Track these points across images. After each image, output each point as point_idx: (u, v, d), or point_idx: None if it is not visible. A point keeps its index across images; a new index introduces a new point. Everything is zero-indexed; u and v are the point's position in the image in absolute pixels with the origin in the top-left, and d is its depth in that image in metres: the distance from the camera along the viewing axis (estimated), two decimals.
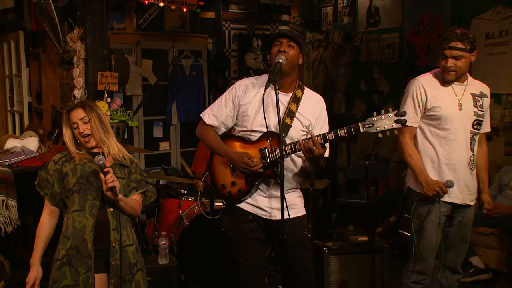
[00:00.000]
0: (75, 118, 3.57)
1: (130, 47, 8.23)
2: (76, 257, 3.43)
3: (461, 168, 4.09)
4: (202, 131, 3.93)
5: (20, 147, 5.70)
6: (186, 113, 8.65)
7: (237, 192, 3.79)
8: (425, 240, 4.19)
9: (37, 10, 6.14)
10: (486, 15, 6.65)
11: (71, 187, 3.53)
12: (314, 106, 3.85)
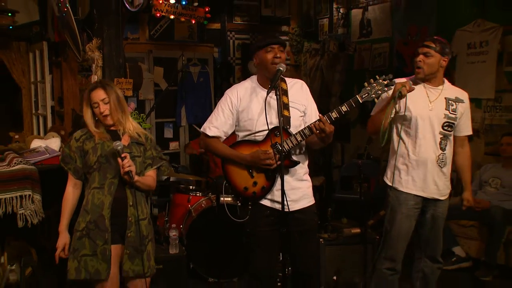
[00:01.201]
0: (96, 99, 3.55)
1: (143, 55, 8.26)
2: (95, 231, 3.48)
3: (430, 165, 4.07)
4: (208, 144, 3.84)
5: (44, 147, 5.73)
6: (194, 116, 8.66)
7: (261, 190, 3.71)
8: (395, 230, 4.17)
9: (60, 22, 6.17)
10: (468, 27, 6.67)
11: (92, 165, 3.55)
12: (300, 91, 3.81)
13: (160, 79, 8.42)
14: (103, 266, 3.49)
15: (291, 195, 3.65)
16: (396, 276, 4.26)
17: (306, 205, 3.76)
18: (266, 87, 3.63)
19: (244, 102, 3.70)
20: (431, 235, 4.26)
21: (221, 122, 3.75)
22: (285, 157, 3.58)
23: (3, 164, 5.17)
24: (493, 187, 5.86)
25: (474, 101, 6.63)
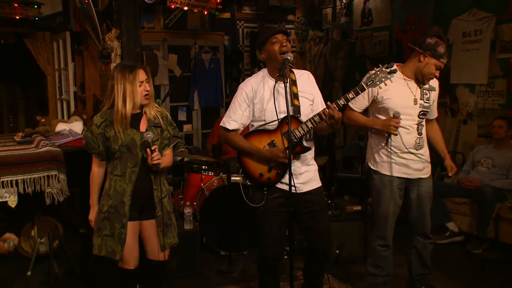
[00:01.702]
0: (143, 78, 3.49)
1: (158, 43, 8.25)
2: (114, 215, 3.51)
3: (410, 149, 4.08)
4: (229, 138, 3.80)
5: (68, 130, 5.78)
6: (206, 100, 8.69)
7: (276, 175, 3.70)
8: (382, 211, 4.20)
9: (81, 13, 6.20)
10: (463, 16, 6.67)
11: (114, 153, 3.52)
12: (308, 80, 3.80)
13: (174, 66, 8.44)
14: (118, 248, 3.53)
15: (300, 178, 3.69)
16: (389, 251, 4.29)
17: (315, 186, 3.79)
18: (275, 77, 3.63)
19: (258, 94, 3.70)
20: (418, 213, 4.27)
21: (239, 115, 3.74)
22: (297, 144, 3.63)
23: (32, 146, 5.25)
24: (485, 167, 5.89)
25: (468, 86, 6.69)
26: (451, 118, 6.88)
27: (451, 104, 6.88)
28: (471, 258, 5.47)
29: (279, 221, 3.74)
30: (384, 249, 4.27)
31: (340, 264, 5.13)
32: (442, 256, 5.43)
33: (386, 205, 4.19)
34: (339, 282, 4.71)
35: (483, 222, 5.59)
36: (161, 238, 3.62)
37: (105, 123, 3.54)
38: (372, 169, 4.26)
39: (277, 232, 3.78)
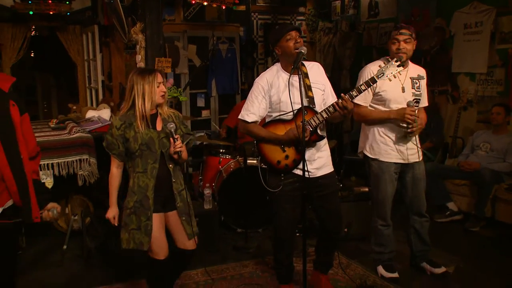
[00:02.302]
0: (160, 79, 3.51)
1: (179, 35, 8.23)
2: (140, 209, 3.50)
3: (404, 136, 4.11)
4: (248, 129, 3.83)
5: (97, 116, 5.84)
6: (223, 87, 8.68)
7: (293, 162, 3.73)
8: (380, 194, 4.25)
9: (108, 8, 6.24)
10: (465, 9, 6.62)
11: (134, 152, 3.49)
12: (318, 71, 3.81)
13: (193, 55, 8.44)
14: (145, 239, 3.53)
15: (314, 164, 3.73)
16: (389, 229, 4.36)
17: (328, 171, 3.83)
18: (288, 71, 3.66)
19: (273, 87, 3.72)
20: (414, 194, 4.31)
21: (256, 108, 3.77)
22: (313, 132, 3.66)
23: (65, 132, 5.34)
24: (484, 151, 5.90)
25: (468, 75, 6.67)
26: (452, 105, 6.88)
27: (452, 91, 6.87)
28: (469, 235, 5.49)
29: (293, 203, 3.78)
30: (385, 228, 4.35)
31: (348, 241, 5.18)
32: (443, 233, 5.48)
33: (384, 188, 4.24)
34: (347, 258, 4.76)
35: (481, 202, 5.60)
36: (186, 227, 3.65)
37: (124, 125, 3.51)
38: (369, 157, 4.29)
39: (291, 214, 3.83)
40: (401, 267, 4.49)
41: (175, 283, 4.04)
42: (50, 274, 4.66)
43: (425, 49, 7.18)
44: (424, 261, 4.49)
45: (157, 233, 3.55)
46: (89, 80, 7.66)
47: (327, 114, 3.61)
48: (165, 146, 3.55)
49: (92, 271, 4.71)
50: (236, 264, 4.77)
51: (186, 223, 3.64)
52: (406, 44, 4.01)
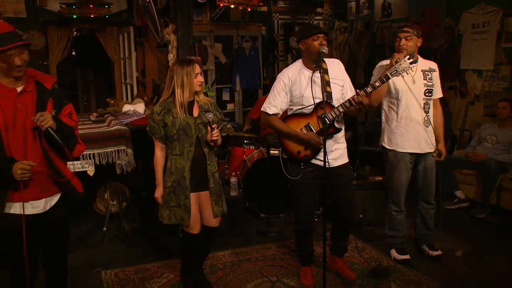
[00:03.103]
0: (198, 70, 3.54)
1: (206, 34, 8.28)
2: (178, 188, 3.56)
3: (419, 126, 4.12)
4: (270, 121, 3.85)
5: (132, 110, 5.87)
6: (246, 82, 8.72)
7: (311, 153, 3.74)
8: (395, 182, 4.26)
9: (143, 11, 6.27)
10: (473, 10, 6.53)
11: (172, 136, 3.55)
12: (338, 68, 3.79)
13: (219, 53, 8.48)
14: (186, 216, 3.59)
15: (332, 155, 3.73)
16: (402, 214, 4.36)
17: (343, 162, 3.83)
18: (310, 68, 3.66)
19: (294, 82, 3.72)
20: (424, 183, 4.32)
21: (278, 101, 3.79)
22: (330, 125, 3.66)
23: (104, 125, 5.39)
24: (490, 143, 5.84)
25: (476, 71, 6.60)
26: (460, 99, 6.81)
27: (461, 87, 6.80)
28: (476, 222, 5.45)
29: (312, 191, 3.80)
30: (398, 214, 4.35)
31: (363, 226, 5.18)
32: (451, 219, 5.45)
33: (399, 177, 4.25)
34: (362, 242, 4.76)
35: (487, 190, 5.56)
36: (214, 206, 3.69)
37: (164, 111, 3.56)
38: (386, 148, 4.29)
39: (311, 201, 3.86)
40: (413, 250, 4.49)
41: (204, 264, 4.09)
42: (93, 253, 4.73)
43: (435, 47, 7.11)
44: (424, 244, 4.51)
45: (193, 210, 3.61)
46: (124, 76, 7.71)
47: (344, 108, 3.62)
48: (200, 131, 3.58)
49: (129, 251, 4.76)
50: (259, 247, 4.79)
51: (215, 203, 3.69)
52: (407, 41, 4.05)
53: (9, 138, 2.73)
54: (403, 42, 4.05)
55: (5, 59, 2.67)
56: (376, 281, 4.01)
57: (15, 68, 2.71)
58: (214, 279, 4.06)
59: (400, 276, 4.09)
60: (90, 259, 4.54)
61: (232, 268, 4.32)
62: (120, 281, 4.11)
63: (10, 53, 2.68)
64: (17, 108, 2.72)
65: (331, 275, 4.03)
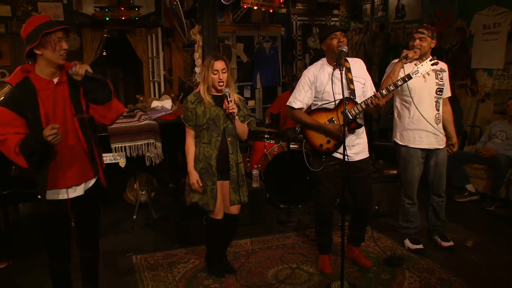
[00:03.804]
0: (218, 67, 3.53)
1: (228, 35, 8.29)
2: (205, 175, 3.59)
3: (430, 123, 4.07)
4: (295, 114, 3.84)
5: (160, 106, 5.87)
6: (266, 80, 8.69)
7: (333, 146, 3.73)
8: (408, 177, 4.22)
9: (170, 13, 6.30)
10: (484, 11, 6.45)
11: (201, 125, 3.58)
12: (360, 67, 3.78)
13: (241, 53, 8.48)
14: (211, 201, 3.62)
15: (353, 149, 3.72)
16: (415, 207, 4.33)
17: (364, 157, 3.82)
18: (332, 66, 3.65)
19: (319, 79, 3.72)
20: (435, 177, 4.28)
21: (303, 96, 3.78)
22: (352, 121, 3.66)
23: (135, 120, 5.39)
24: (500, 139, 5.77)
25: (486, 70, 6.52)
26: (471, 97, 6.72)
27: (472, 85, 6.72)
28: (486, 214, 5.39)
29: (333, 183, 3.79)
30: (411, 206, 4.33)
31: (378, 217, 5.15)
32: (461, 211, 5.40)
33: (412, 171, 4.21)
34: (378, 232, 4.73)
35: (497, 184, 5.49)
36: (231, 194, 3.70)
37: (197, 101, 3.61)
38: (399, 144, 4.26)
39: (331, 192, 3.84)
40: (425, 240, 4.45)
41: (227, 251, 4.12)
42: (124, 239, 4.78)
43: (447, 47, 7.03)
44: (436, 235, 4.47)
45: (218, 196, 3.65)
46: (152, 74, 7.74)
47: (366, 105, 3.61)
48: (226, 122, 3.60)
49: (157, 238, 4.80)
50: (279, 236, 4.79)
51: (233, 191, 3.69)
52: (421, 41, 4.01)
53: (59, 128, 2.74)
54: (417, 43, 4.02)
55: (52, 43, 2.68)
56: (391, 269, 3.98)
57: (62, 52, 2.72)
58: (237, 265, 4.07)
59: (414, 264, 4.07)
60: (121, 245, 4.59)
61: (254, 255, 4.32)
62: (149, 265, 4.15)
63: (58, 36, 2.70)
64: (56, 99, 2.74)
65: (348, 262, 4.02)
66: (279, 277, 3.89)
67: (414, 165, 4.20)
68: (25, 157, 2.60)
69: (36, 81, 2.74)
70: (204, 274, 3.95)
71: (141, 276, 3.95)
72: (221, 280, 3.84)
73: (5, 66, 6.66)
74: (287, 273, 3.96)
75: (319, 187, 3.89)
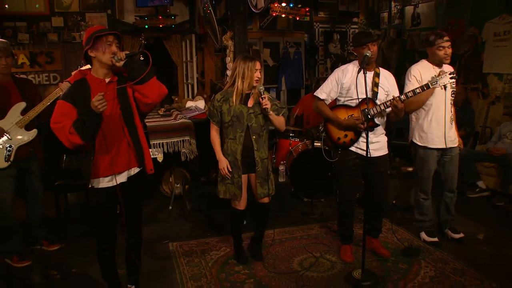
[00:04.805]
0: (258, 67, 3.55)
1: (256, 40, 8.31)
2: (232, 168, 3.63)
3: (445, 123, 4.04)
4: (319, 106, 3.87)
5: (194, 106, 5.95)
6: (291, 83, 8.68)
7: (350, 140, 3.76)
8: (424, 173, 4.18)
9: (204, 20, 6.32)
10: (495, 20, 6.33)
11: (227, 122, 3.60)
12: (388, 78, 3.76)
13: (267, 57, 8.48)
14: (238, 192, 3.66)
15: (372, 146, 3.70)
16: (429, 201, 4.29)
17: (383, 154, 3.80)
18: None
19: (346, 78, 3.73)
20: (449, 173, 4.23)
21: (329, 90, 3.81)
22: (370, 119, 3.65)
23: (171, 119, 5.48)
24: (509, 139, 5.67)
25: (497, 75, 6.41)
26: (482, 100, 6.61)
27: (483, 88, 6.61)
28: (496, 209, 5.31)
29: (353, 176, 3.79)
30: (425, 200, 4.29)
31: (395, 211, 5.11)
32: (473, 207, 5.33)
33: (428, 169, 4.18)
34: (395, 225, 4.70)
35: (506, 181, 5.41)
36: (258, 188, 3.72)
37: (223, 99, 3.63)
38: (417, 144, 4.21)
39: (352, 184, 3.84)
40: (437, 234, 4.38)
41: None
42: (161, 228, 4.82)
43: (460, 53, 6.92)
44: (447, 228, 4.42)
45: (243, 188, 3.69)
46: (186, 77, 7.79)
47: (385, 107, 3.62)
48: (251, 120, 3.60)
49: (191, 227, 4.84)
50: (304, 227, 4.78)
51: (260, 185, 3.71)
52: (450, 49, 3.96)
53: (106, 121, 2.83)
54: (448, 51, 3.95)
55: (103, 45, 2.79)
56: (408, 258, 3.96)
57: (112, 55, 2.80)
58: (265, 253, 4.09)
59: (429, 255, 4.04)
60: (159, 233, 4.64)
61: (280, 244, 4.33)
62: (184, 252, 4.20)
63: (109, 40, 2.80)
64: (106, 96, 2.79)
65: (368, 253, 3.98)
66: (304, 265, 3.90)
67: (430, 163, 4.17)
68: (78, 132, 2.67)
69: (91, 80, 2.87)
70: (235, 261, 3.99)
71: (177, 262, 4.00)
72: (250, 267, 3.87)
73: (57, 70, 6.82)
74: (312, 261, 3.97)
75: (340, 180, 3.90)
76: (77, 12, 6.87)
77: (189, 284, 3.60)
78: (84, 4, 6.92)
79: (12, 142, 3.79)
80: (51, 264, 4.01)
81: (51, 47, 6.78)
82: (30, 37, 6.68)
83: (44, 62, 6.77)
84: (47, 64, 6.79)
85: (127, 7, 7.08)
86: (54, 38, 6.78)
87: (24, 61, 6.67)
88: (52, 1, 6.75)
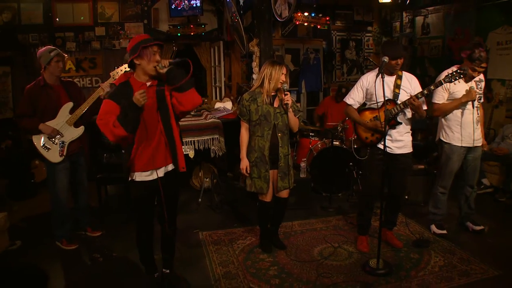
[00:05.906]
0: (284, 71, 3.59)
1: (278, 47, 8.20)
2: (260, 163, 3.65)
3: (472, 124, 4.03)
4: (348, 110, 3.92)
5: (223, 107, 5.99)
6: (310, 86, 8.61)
7: (376, 139, 3.79)
8: (448, 170, 4.15)
9: (231, 28, 6.34)
10: (497, 30, 6.32)
11: (255, 120, 3.62)
12: (412, 81, 3.72)
13: (288, 62, 8.40)
14: (264, 186, 3.68)
15: (396, 144, 3.73)
16: (445, 196, 4.27)
17: (406, 151, 3.79)
18: (387, 74, 3.65)
19: (370, 84, 3.74)
20: (470, 171, 4.21)
21: (356, 95, 3.84)
22: (392, 118, 3.68)
23: (201, 118, 5.52)
24: (511, 140, 5.64)
25: (500, 80, 6.40)
26: (487, 104, 6.48)
27: (487, 93, 6.53)
28: (498, 204, 5.27)
29: (377, 170, 3.77)
30: (443, 195, 4.27)
31: (407, 205, 5.07)
32: (478, 202, 5.10)
33: (452, 166, 4.16)
34: (407, 218, 4.68)
35: (508, 179, 5.37)
36: (279, 181, 3.73)
37: (251, 99, 3.66)
38: (443, 141, 4.18)
39: (375, 177, 3.81)
40: (448, 226, 4.37)
41: (278, 231, 4.16)
42: (191, 218, 4.87)
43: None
44: (468, 221, 4.39)
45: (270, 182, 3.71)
46: (214, 80, 7.81)
47: (404, 106, 3.62)
48: (277, 119, 3.62)
49: (219, 218, 4.87)
50: (323, 219, 4.78)
51: (280, 179, 3.72)
52: (481, 73, 4.05)
53: (146, 121, 2.89)
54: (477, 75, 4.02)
55: (148, 55, 2.82)
56: (419, 249, 3.96)
57: (155, 63, 2.83)
58: (287, 243, 4.12)
59: (439, 246, 4.03)
60: (189, 223, 4.68)
61: (301, 235, 4.35)
62: (213, 240, 4.24)
63: (154, 50, 2.83)
64: (147, 93, 2.82)
65: (383, 243, 3.97)
66: (324, 254, 3.91)
67: (455, 160, 4.15)
68: (121, 123, 2.72)
69: (134, 83, 2.92)
70: (260, 249, 4.01)
71: (207, 249, 4.05)
72: (274, 255, 3.89)
73: (98, 74, 6.95)
74: (331, 250, 3.98)
75: (365, 172, 3.95)
76: (117, 22, 6.98)
77: (218, 269, 3.65)
78: (123, 15, 7.02)
79: (64, 138, 3.94)
80: (95, 248, 4.10)
81: (94, 53, 6.92)
82: (76, 45, 6.84)
83: (87, 67, 6.91)
84: (90, 69, 6.92)
85: (162, 17, 7.14)
86: (97, 46, 6.92)
87: (71, 66, 6.83)
88: (96, 13, 6.89)
